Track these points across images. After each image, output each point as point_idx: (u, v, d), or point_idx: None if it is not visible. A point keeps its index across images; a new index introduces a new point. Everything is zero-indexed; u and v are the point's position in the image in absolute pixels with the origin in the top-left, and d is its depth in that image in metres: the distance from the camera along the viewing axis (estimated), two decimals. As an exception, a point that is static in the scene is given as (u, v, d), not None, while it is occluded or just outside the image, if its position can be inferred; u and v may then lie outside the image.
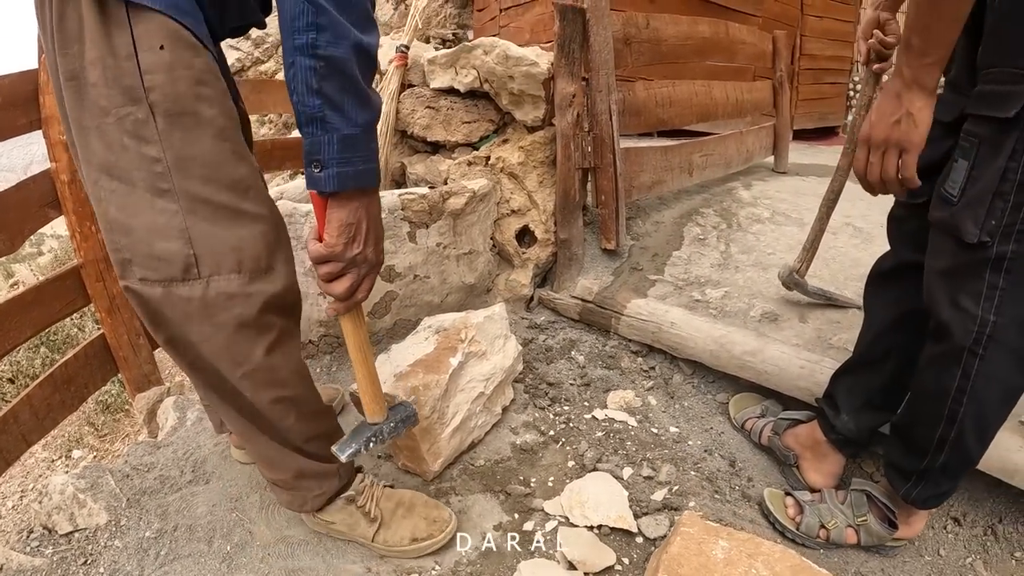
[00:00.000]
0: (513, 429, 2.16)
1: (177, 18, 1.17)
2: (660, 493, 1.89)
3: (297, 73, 1.13)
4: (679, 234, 3.23)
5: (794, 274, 2.52)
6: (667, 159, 3.36)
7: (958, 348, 1.43)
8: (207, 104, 1.24)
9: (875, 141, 1.34)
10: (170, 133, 1.21)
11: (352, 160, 1.20)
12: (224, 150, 1.27)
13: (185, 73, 1.20)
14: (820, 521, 1.80)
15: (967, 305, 1.39)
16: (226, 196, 1.28)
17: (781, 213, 3.62)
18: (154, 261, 1.27)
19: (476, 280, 2.83)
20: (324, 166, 1.19)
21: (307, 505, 1.62)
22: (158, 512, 1.76)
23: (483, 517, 1.81)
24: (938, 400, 1.51)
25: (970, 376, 1.44)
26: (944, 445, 1.55)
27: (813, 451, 1.99)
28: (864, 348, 1.88)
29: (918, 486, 1.66)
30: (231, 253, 1.29)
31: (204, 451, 2.01)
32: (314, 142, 1.18)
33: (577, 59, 2.65)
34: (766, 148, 4.82)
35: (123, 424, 3.86)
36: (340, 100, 1.16)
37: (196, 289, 1.29)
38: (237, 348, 1.36)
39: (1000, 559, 1.86)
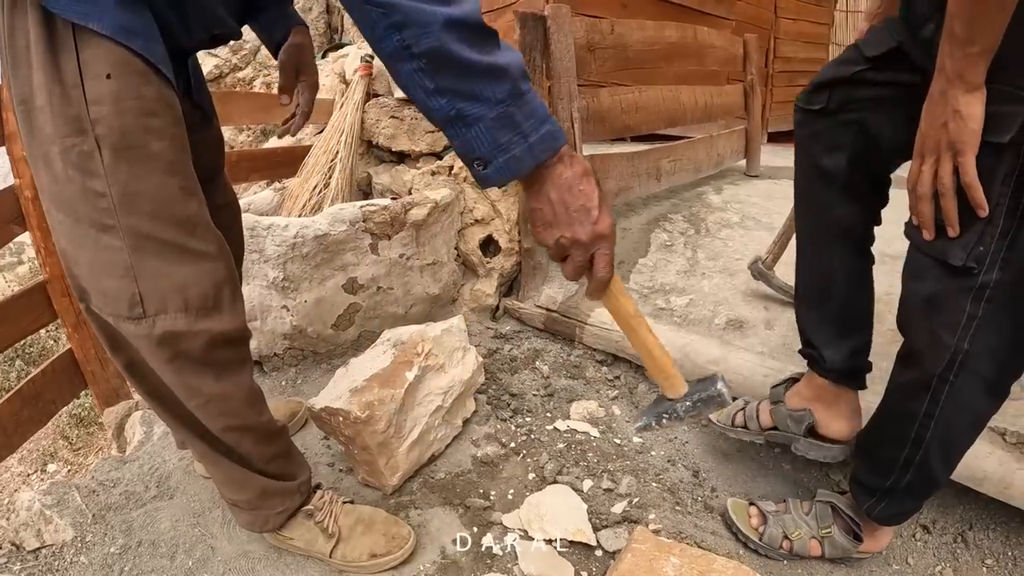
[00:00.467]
0: (474, 441, 2.14)
1: (124, 42, 1.13)
2: (620, 505, 1.88)
3: (407, 82, 1.02)
4: (646, 241, 3.23)
5: (760, 264, 2.52)
6: (634, 165, 3.35)
7: (928, 375, 1.40)
8: (155, 137, 1.19)
9: (928, 149, 1.24)
10: (116, 168, 1.16)
11: (512, 142, 1.03)
12: (172, 186, 1.23)
13: (133, 104, 1.15)
14: (783, 532, 1.78)
15: (943, 335, 1.35)
16: (172, 233, 1.24)
17: (751, 217, 3.62)
18: (102, 296, 1.26)
19: (440, 290, 2.81)
20: (488, 161, 1.04)
21: (268, 524, 1.61)
22: (123, 528, 1.75)
23: (442, 531, 1.79)
24: (905, 423, 1.50)
25: (939, 402, 1.42)
26: (909, 467, 1.53)
27: (822, 400, 1.85)
28: (806, 268, 1.85)
29: (881, 503, 1.64)
30: (177, 292, 1.27)
31: (169, 466, 2.00)
32: (464, 141, 1.04)
33: (538, 67, 2.64)
34: (738, 152, 4.83)
35: (97, 438, 3.84)
36: (465, 86, 1.00)
37: (143, 327, 1.27)
38: (186, 382, 1.35)
39: (971, 566, 1.85)
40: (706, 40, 4.16)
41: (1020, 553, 1.88)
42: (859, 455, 1.72)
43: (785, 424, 1.90)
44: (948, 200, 1.24)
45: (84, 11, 1.09)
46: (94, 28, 1.09)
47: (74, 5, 1.08)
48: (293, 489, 1.61)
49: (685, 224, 3.45)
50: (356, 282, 2.49)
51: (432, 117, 1.05)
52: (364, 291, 2.53)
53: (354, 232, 2.44)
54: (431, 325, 2.13)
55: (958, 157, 1.20)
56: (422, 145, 3.06)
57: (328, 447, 2.09)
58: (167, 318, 1.27)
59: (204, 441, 1.46)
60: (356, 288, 2.50)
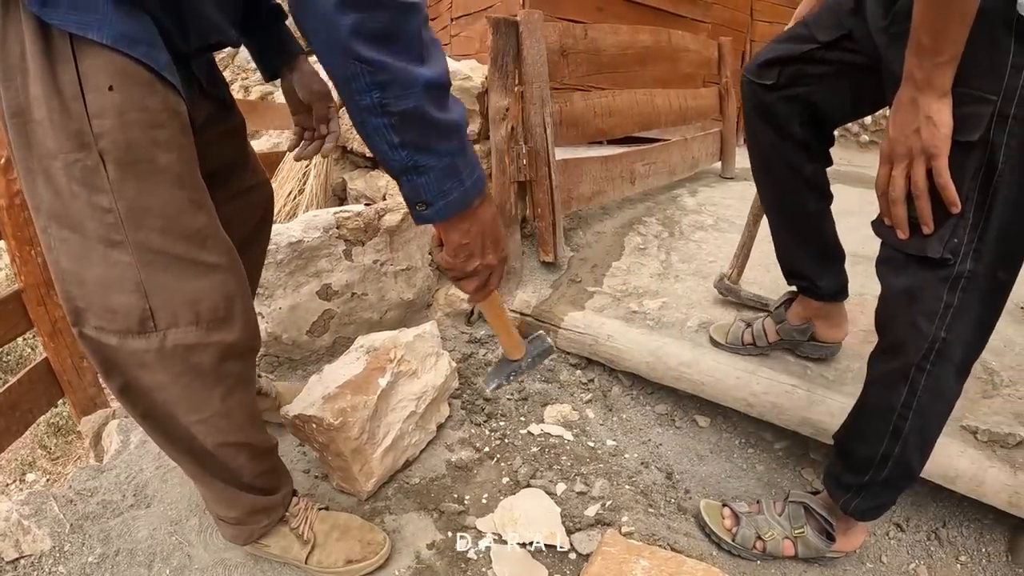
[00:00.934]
0: (449, 446, 2.15)
1: (126, 51, 1.09)
2: (593, 508, 1.89)
3: (371, 133, 1.07)
4: (620, 244, 3.24)
5: (725, 280, 2.55)
6: (608, 169, 3.37)
7: (907, 366, 1.47)
8: (163, 149, 1.17)
9: (898, 154, 1.31)
10: (122, 183, 1.14)
11: (452, 187, 1.13)
12: (181, 199, 1.21)
13: (138, 116, 1.12)
14: (756, 532, 1.81)
15: (923, 324, 1.42)
16: (183, 247, 1.23)
17: (725, 219, 3.65)
18: (109, 313, 1.22)
19: (415, 296, 2.81)
20: (429, 204, 1.13)
21: (252, 537, 1.62)
22: (100, 537, 1.74)
23: (417, 536, 1.79)
24: (884, 417, 1.55)
25: (916, 392, 1.48)
26: (887, 460, 1.58)
27: (819, 315, 2.15)
28: (786, 222, 2.05)
29: (858, 498, 1.68)
30: (188, 305, 1.25)
31: (146, 475, 1.98)
32: (413, 187, 1.12)
33: (511, 72, 2.66)
34: (713, 154, 4.86)
35: (75, 447, 3.82)
36: (426, 142, 1.08)
37: (153, 342, 1.25)
38: (194, 397, 1.34)
39: (944, 563, 1.88)
40: (680, 43, 4.19)
41: (994, 549, 1.92)
42: (838, 451, 1.75)
43: (791, 336, 2.20)
44: (924, 201, 1.31)
45: (82, 21, 1.05)
46: (94, 38, 1.06)
47: (72, 15, 1.04)
48: (278, 502, 1.62)
49: (659, 227, 3.47)
50: (330, 288, 2.49)
51: (390, 167, 1.11)
52: (338, 297, 2.53)
53: (328, 238, 2.44)
54: (404, 331, 2.14)
55: (932, 160, 1.26)
56: (397, 150, 3.06)
57: (304, 454, 2.08)
58: (178, 332, 1.26)
59: (197, 461, 1.46)
60: (330, 294, 2.50)
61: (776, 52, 1.79)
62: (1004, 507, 1.84)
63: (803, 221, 2.01)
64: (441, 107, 1.08)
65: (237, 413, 1.41)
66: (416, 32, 1.03)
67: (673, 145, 4.20)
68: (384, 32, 0.99)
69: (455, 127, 1.11)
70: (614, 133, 3.50)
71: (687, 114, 4.34)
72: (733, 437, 2.32)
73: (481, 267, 1.26)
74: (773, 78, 1.78)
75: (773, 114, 1.84)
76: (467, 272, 1.26)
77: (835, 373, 2.18)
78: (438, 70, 1.06)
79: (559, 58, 2.93)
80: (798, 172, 1.90)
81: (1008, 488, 1.82)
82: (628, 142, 4.68)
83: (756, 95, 1.86)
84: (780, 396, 2.11)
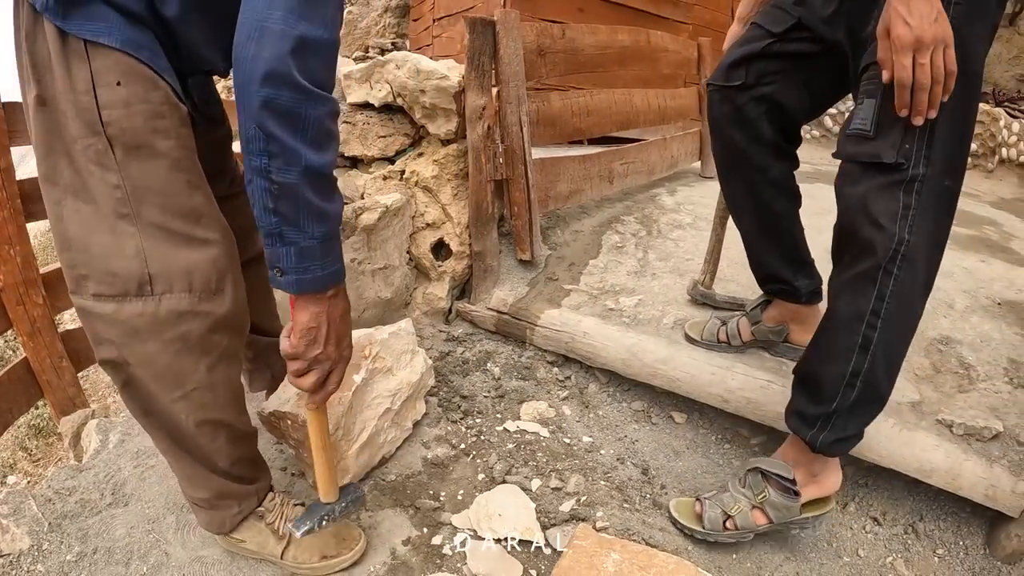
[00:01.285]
0: (425, 443, 2.15)
1: (133, 53, 1.26)
2: (568, 504, 1.91)
3: (255, 192, 1.21)
4: (597, 243, 3.25)
5: (699, 287, 2.57)
6: (586, 168, 3.38)
7: (875, 267, 1.52)
8: (162, 136, 1.32)
9: (926, 42, 1.34)
10: (127, 164, 1.29)
11: (310, 268, 1.28)
12: (178, 180, 1.35)
13: (142, 107, 1.28)
14: (723, 511, 1.81)
15: (886, 223, 1.49)
16: (179, 223, 1.36)
17: (703, 218, 3.66)
18: (110, 276, 1.34)
19: (393, 294, 2.82)
20: (284, 272, 1.27)
21: (226, 525, 1.64)
22: (79, 536, 1.74)
23: (392, 532, 1.80)
24: (852, 328, 1.59)
25: (884, 297, 1.54)
26: (856, 379, 1.61)
27: (795, 319, 2.20)
28: (756, 225, 2.10)
29: (824, 430, 1.69)
30: (183, 275, 1.36)
31: (124, 474, 1.98)
32: (273, 252, 1.26)
33: (487, 71, 2.66)
34: (692, 154, 4.88)
35: (56, 448, 3.81)
36: (296, 217, 1.22)
37: (149, 305, 1.35)
38: (180, 366, 1.41)
39: (922, 556, 1.89)
40: (659, 44, 4.20)
41: (972, 542, 1.93)
42: (801, 384, 1.78)
43: (766, 337, 2.24)
44: (939, 87, 1.38)
45: (96, 29, 1.22)
46: (105, 43, 1.23)
47: (87, 24, 1.22)
48: (251, 493, 1.64)
49: (637, 226, 3.49)
50: (308, 287, 2.49)
51: (260, 226, 1.25)
52: (316, 296, 2.53)
53: (305, 237, 2.44)
54: (379, 328, 2.14)
55: (947, 49, 1.35)
56: (374, 150, 3.07)
57: (281, 451, 2.09)
58: (172, 297, 1.36)
59: (172, 437, 1.51)
60: (308, 293, 2.50)
61: (739, 53, 1.88)
62: (981, 500, 1.86)
63: (774, 223, 2.07)
64: (319, 193, 1.24)
65: (221, 388, 1.49)
66: (317, 120, 1.19)
67: (652, 144, 4.22)
68: (288, 112, 1.15)
69: (327, 216, 1.27)
70: (592, 132, 3.51)
71: (666, 114, 4.36)
72: (709, 433, 2.33)
73: (322, 356, 1.38)
74: (741, 78, 1.86)
75: (743, 116, 1.90)
76: (308, 359, 1.37)
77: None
78: (325, 160, 1.23)
79: (536, 57, 2.94)
80: (765, 173, 1.98)
81: (984, 481, 1.85)
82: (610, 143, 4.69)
83: (727, 99, 1.92)
84: (756, 392, 2.12)
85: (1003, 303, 2.80)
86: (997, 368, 2.28)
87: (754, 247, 2.16)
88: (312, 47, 1.16)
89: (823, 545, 1.89)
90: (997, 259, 3.44)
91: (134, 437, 2.14)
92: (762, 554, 1.84)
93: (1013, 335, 2.51)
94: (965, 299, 2.79)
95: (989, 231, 4.27)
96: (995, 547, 1.89)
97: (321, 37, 1.17)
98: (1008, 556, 1.86)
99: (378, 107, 3.03)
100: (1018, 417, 2.02)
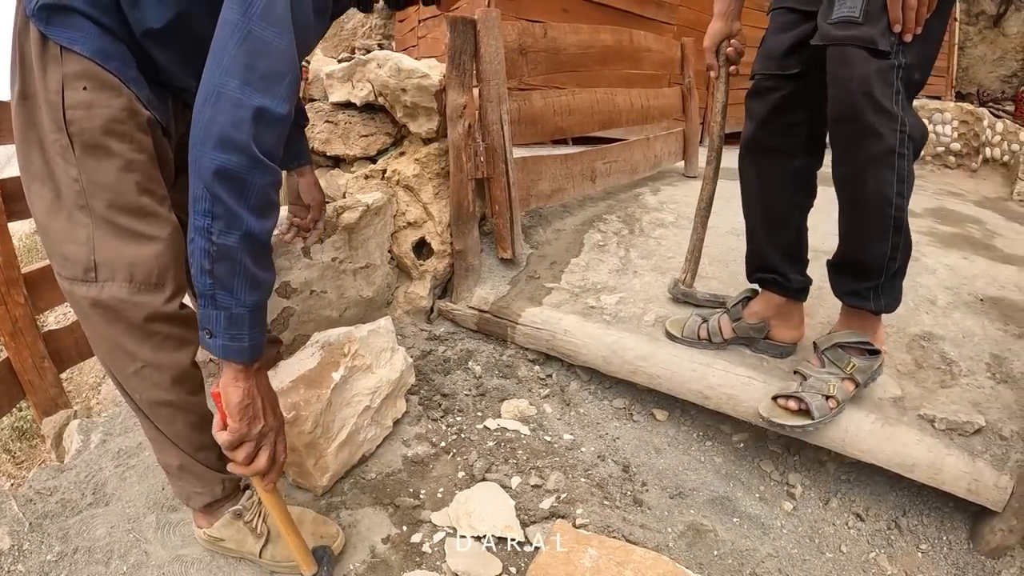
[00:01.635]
0: (405, 441, 2.15)
1: (101, 63, 1.36)
2: (548, 501, 1.90)
3: (194, 252, 1.26)
4: (579, 241, 3.25)
5: (680, 285, 2.58)
6: (568, 167, 3.38)
7: (889, 151, 1.67)
8: (117, 139, 1.40)
9: None
10: (84, 160, 1.38)
11: (239, 336, 1.31)
12: (128, 180, 1.42)
13: (102, 111, 1.37)
14: (822, 395, 1.89)
15: (888, 106, 1.63)
16: (126, 219, 1.43)
17: (686, 217, 3.66)
18: (63, 260, 1.43)
19: (375, 293, 2.81)
20: (213, 335, 1.31)
21: (191, 502, 1.66)
22: (59, 535, 1.74)
23: (372, 530, 1.80)
24: (881, 210, 1.75)
25: (903, 179, 1.71)
26: (896, 253, 1.80)
27: (778, 315, 2.24)
28: (765, 212, 2.16)
29: (879, 297, 1.89)
30: (125, 267, 1.42)
31: (105, 473, 1.98)
32: (205, 314, 1.30)
33: (468, 70, 2.66)
34: (675, 153, 4.89)
35: (39, 450, 3.79)
36: (230, 282, 1.27)
37: (92, 290, 1.42)
38: (126, 345, 1.47)
39: (905, 552, 1.89)
40: (642, 44, 4.21)
41: (955, 537, 1.94)
42: (842, 270, 1.96)
43: (748, 334, 2.27)
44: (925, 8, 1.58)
45: (71, 37, 1.34)
46: (78, 51, 1.34)
47: (65, 32, 1.33)
48: (215, 479, 1.64)
49: (620, 224, 3.49)
50: (289, 286, 2.48)
51: (195, 285, 1.30)
52: (297, 295, 2.52)
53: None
54: (359, 327, 2.14)
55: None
56: (356, 149, 3.06)
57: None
58: (113, 285, 1.42)
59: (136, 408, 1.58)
60: (289, 292, 2.49)
61: (789, 39, 1.92)
62: (963, 495, 1.86)
63: (784, 215, 2.14)
64: (255, 260, 1.30)
65: (168, 368, 1.51)
66: (262, 189, 1.26)
67: (635, 144, 4.22)
68: (236, 177, 1.21)
69: (259, 284, 1.33)
70: (574, 132, 3.51)
71: (649, 113, 4.36)
72: (691, 430, 2.33)
73: (266, 429, 1.40)
74: (797, 66, 1.91)
75: (788, 103, 1.98)
76: (254, 437, 1.38)
77: (791, 364, 2.21)
78: (265, 227, 1.30)
79: (518, 56, 2.94)
80: (791, 162, 2.06)
81: (967, 476, 1.84)
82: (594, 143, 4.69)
83: (776, 87, 1.99)
84: (736, 388, 2.12)
85: (985, 299, 2.81)
86: (979, 363, 2.29)
87: (757, 236, 2.21)
88: (266, 119, 1.23)
89: (806, 541, 1.90)
90: (980, 256, 3.46)
91: (115, 437, 2.14)
92: (743, 550, 1.84)
93: (995, 331, 2.52)
94: (947, 295, 2.80)
95: (972, 229, 4.29)
96: (979, 542, 1.89)
97: (274, 110, 1.24)
98: (992, 550, 1.85)
99: (360, 106, 3.03)
100: (1000, 412, 2.03)
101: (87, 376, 4.82)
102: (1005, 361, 2.32)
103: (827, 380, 1.91)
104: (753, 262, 2.25)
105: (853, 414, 1.96)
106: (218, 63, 1.22)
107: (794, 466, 2.15)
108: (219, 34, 1.23)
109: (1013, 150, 7.79)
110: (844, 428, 1.94)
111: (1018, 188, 6.85)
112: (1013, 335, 2.53)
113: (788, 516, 1.97)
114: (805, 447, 2.15)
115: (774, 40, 1.98)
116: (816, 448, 2.09)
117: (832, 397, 1.89)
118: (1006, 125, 8.01)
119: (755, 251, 2.23)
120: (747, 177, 2.19)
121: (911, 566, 1.85)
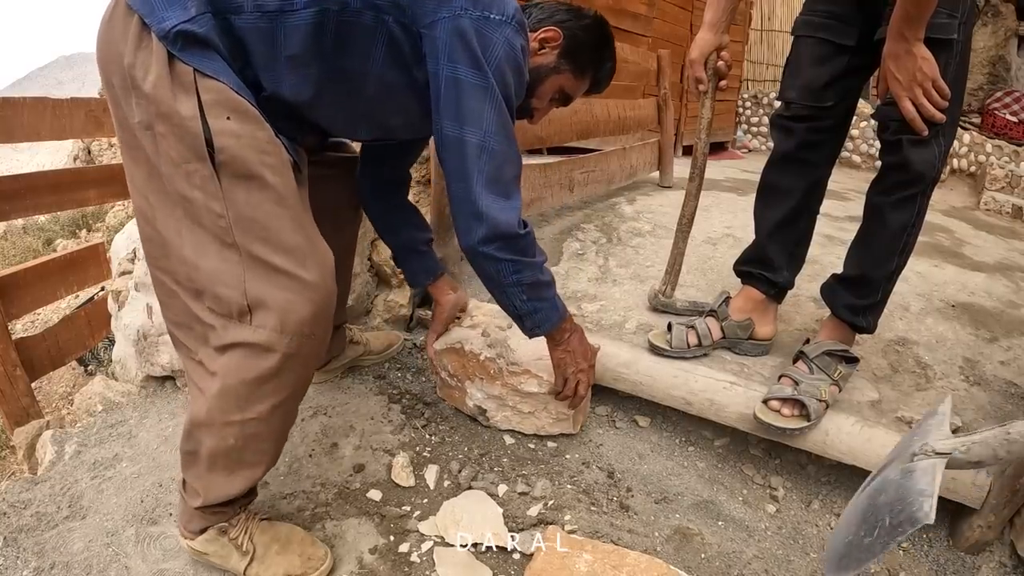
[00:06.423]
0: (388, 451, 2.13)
1: (242, 94, 1.35)
2: (535, 508, 1.90)
3: (504, 298, 1.78)
4: (558, 250, 3.27)
5: (660, 296, 2.59)
6: (546, 176, 3.40)
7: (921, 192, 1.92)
8: (270, 171, 1.37)
9: (915, 88, 1.73)
10: (233, 193, 1.34)
11: (552, 318, 1.87)
12: (283, 216, 1.39)
13: (250, 141, 1.34)
14: (816, 398, 1.97)
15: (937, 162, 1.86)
16: (281, 259, 1.38)
17: (662, 226, 3.70)
18: (217, 300, 1.39)
19: (354, 301, 2.79)
20: (539, 327, 1.86)
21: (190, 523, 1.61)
22: (35, 550, 1.70)
23: (359, 541, 1.78)
24: (897, 236, 1.99)
25: (921, 212, 1.98)
26: (894, 275, 2.07)
27: (757, 311, 2.36)
28: (783, 214, 2.27)
29: (870, 314, 2.13)
30: (279, 312, 1.38)
31: (81, 485, 1.95)
32: (533, 321, 1.84)
33: (448, 79, 2.66)
34: (651, 163, 4.93)
35: (10, 462, 3.71)
36: (538, 294, 1.80)
37: (245, 332, 1.39)
38: (246, 396, 1.44)
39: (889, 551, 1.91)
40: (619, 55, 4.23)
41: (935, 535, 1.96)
42: (848, 284, 2.15)
43: (734, 333, 2.36)
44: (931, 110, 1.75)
45: (213, 67, 1.33)
46: (223, 81, 1.33)
47: (207, 62, 1.32)
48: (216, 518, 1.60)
49: (597, 233, 3.51)
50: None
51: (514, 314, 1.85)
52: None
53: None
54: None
55: (936, 83, 1.72)
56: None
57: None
58: (263, 331, 1.38)
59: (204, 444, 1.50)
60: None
61: (828, 75, 2.06)
62: (942, 493, 1.88)
63: (800, 221, 2.30)
64: (544, 273, 1.79)
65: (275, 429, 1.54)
66: (530, 243, 1.73)
67: (611, 154, 4.25)
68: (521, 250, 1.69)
69: (548, 283, 1.82)
70: (552, 141, 3.53)
71: (626, 124, 4.40)
72: (673, 436, 2.34)
73: (577, 371, 1.98)
74: (833, 99, 2.07)
75: (823, 130, 2.14)
76: (567, 377, 1.99)
77: (771, 370, 2.23)
78: (543, 257, 1.79)
79: (497, 66, 2.95)
80: (821, 176, 2.26)
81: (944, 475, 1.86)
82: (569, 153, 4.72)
83: (812, 116, 2.12)
84: (718, 393, 2.13)
85: (956, 305, 2.86)
86: (952, 367, 2.33)
87: (767, 233, 2.32)
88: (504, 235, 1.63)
89: (790, 542, 1.90)
90: (950, 264, 3.52)
91: (90, 448, 2.11)
92: (730, 552, 1.84)
93: (967, 335, 2.56)
94: (920, 302, 2.85)
95: (941, 237, 4.36)
96: (958, 538, 1.91)
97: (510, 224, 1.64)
98: (971, 547, 1.88)
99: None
100: (975, 412, 2.07)
101: (56, 385, 4.75)
102: (977, 364, 2.37)
103: (818, 385, 2.00)
104: (750, 253, 2.38)
105: (834, 417, 1.98)
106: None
107: (776, 469, 2.17)
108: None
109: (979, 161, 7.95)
110: (825, 431, 1.96)
111: (985, 198, 6.98)
112: (984, 339, 2.58)
113: (772, 518, 1.98)
114: (786, 451, 2.17)
115: (812, 72, 2.08)
116: (796, 451, 2.11)
117: (824, 401, 1.97)
118: (972, 137, 8.16)
119: (758, 244, 2.35)
120: (771, 182, 2.31)
121: (893, 564, 1.87)
